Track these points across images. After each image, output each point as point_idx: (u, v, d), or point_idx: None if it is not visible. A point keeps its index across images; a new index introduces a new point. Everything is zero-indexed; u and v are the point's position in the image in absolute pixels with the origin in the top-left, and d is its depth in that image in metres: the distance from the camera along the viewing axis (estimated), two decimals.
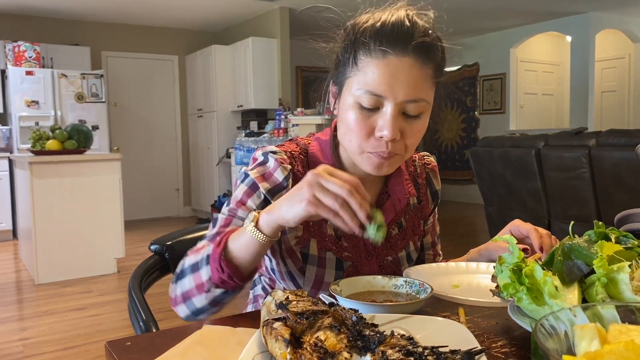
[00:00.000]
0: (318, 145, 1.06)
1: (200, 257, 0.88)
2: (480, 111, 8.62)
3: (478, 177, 4.80)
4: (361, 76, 0.91)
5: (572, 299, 0.66)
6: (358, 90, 0.91)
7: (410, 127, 0.93)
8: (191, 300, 0.90)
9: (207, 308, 0.90)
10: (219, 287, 0.86)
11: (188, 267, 0.90)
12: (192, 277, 0.89)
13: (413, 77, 0.89)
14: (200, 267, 0.88)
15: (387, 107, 0.90)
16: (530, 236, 0.99)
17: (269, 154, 1.01)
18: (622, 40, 8.15)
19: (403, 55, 0.89)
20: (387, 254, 1.08)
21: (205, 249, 0.88)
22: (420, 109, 0.92)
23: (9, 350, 2.86)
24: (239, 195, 0.99)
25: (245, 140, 6.12)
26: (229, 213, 0.98)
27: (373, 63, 0.90)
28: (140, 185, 7.53)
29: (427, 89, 0.92)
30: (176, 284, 0.93)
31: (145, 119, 7.65)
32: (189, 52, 7.77)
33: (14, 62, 6.12)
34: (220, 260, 0.83)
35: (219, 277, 0.84)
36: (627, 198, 3.48)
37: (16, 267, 4.85)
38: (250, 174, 1.00)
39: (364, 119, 0.92)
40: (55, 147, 4.29)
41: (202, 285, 0.87)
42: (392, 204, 1.07)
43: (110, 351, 0.67)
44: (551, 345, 0.47)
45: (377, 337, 0.54)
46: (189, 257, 0.92)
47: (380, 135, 0.91)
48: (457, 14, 6.89)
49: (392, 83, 0.89)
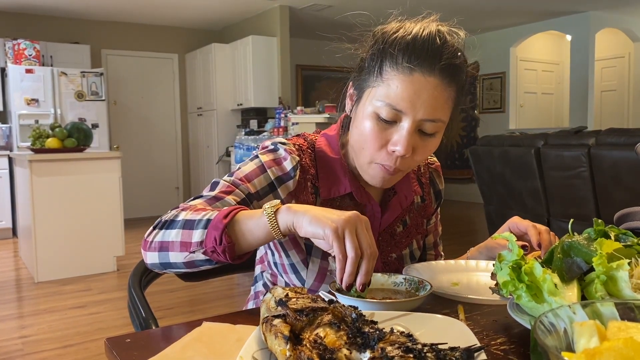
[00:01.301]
0: (325, 141, 1.06)
1: (199, 217, 0.84)
2: (479, 110, 8.62)
3: (478, 176, 4.80)
4: (384, 88, 0.90)
5: (572, 296, 0.66)
6: (379, 101, 0.91)
7: (422, 145, 0.93)
8: (167, 253, 0.86)
9: (180, 266, 0.86)
10: (206, 255, 0.82)
11: (181, 221, 0.85)
12: (181, 232, 0.84)
13: (435, 98, 0.89)
14: (196, 227, 0.83)
15: (404, 122, 0.90)
16: (528, 233, 1.00)
17: (279, 144, 1.01)
18: (621, 40, 8.15)
19: (429, 74, 0.89)
20: (392, 251, 1.08)
21: (207, 212, 0.84)
22: (436, 129, 0.92)
23: (8, 348, 2.86)
24: (246, 171, 0.97)
25: (245, 139, 6.12)
26: (232, 182, 0.96)
27: (398, 78, 0.89)
28: (140, 184, 7.53)
29: (447, 110, 0.93)
30: (159, 230, 0.88)
31: (145, 117, 7.65)
32: (188, 51, 7.77)
33: (14, 60, 6.11)
34: (223, 232, 0.80)
35: (212, 246, 0.80)
36: (627, 197, 3.49)
37: (16, 265, 4.85)
38: (262, 156, 0.99)
39: (380, 131, 0.92)
40: (55, 145, 4.29)
41: (188, 245, 0.83)
42: (399, 201, 1.08)
43: (110, 348, 0.67)
44: (550, 342, 0.47)
45: (377, 334, 0.54)
46: (185, 211, 0.88)
47: (393, 149, 0.91)
48: (457, 13, 6.86)
49: (415, 100, 0.88)
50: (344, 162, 1.03)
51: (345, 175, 1.02)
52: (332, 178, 1.03)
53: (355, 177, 1.04)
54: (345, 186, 1.02)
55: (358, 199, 1.03)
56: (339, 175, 1.03)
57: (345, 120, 1.05)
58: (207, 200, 0.92)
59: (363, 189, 1.04)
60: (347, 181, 1.02)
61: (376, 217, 1.05)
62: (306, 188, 1.01)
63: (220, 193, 0.94)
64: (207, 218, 0.83)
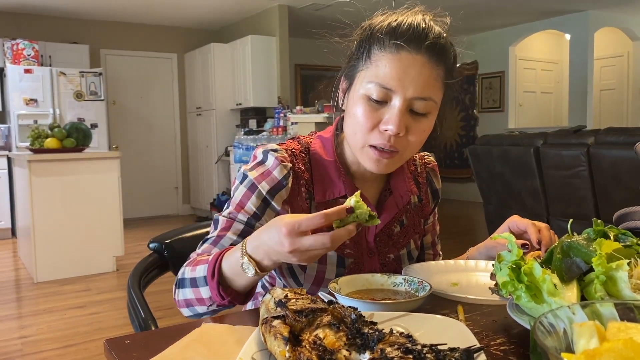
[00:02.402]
0: (320, 143, 1.06)
1: (197, 275, 0.88)
2: (479, 109, 8.62)
3: (477, 175, 4.81)
4: (373, 69, 0.93)
5: (571, 296, 0.66)
6: (369, 83, 0.92)
7: (415, 125, 0.93)
8: (193, 307, 0.91)
9: (210, 314, 0.91)
10: (221, 306, 0.88)
11: (188, 279, 0.90)
12: (192, 290, 0.89)
13: (424, 75, 0.91)
14: (199, 285, 0.88)
15: (395, 101, 0.91)
16: (527, 231, 0.99)
17: (269, 152, 1.01)
18: (620, 39, 8.15)
19: (416, 52, 0.91)
20: (389, 252, 1.08)
21: (202, 267, 0.87)
22: (427, 108, 0.93)
23: (8, 349, 2.86)
24: (239, 197, 0.99)
25: (244, 139, 6.12)
26: (229, 216, 0.98)
27: (386, 57, 0.91)
28: (140, 184, 7.52)
29: (437, 90, 0.93)
30: (177, 289, 0.93)
31: (144, 117, 7.64)
32: (187, 50, 7.76)
33: (13, 60, 6.11)
34: (218, 289, 0.84)
35: (220, 302, 0.86)
36: (626, 196, 3.49)
37: (15, 266, 4.85)
38: (249, 174, 0.99)
39: (372, 112, 0.92)
40: (54, 146, 4.28)
41: (203, 300, 0.88)
42: (395, 201, 1.07)
43: (110, 349, 0.67)
44: (550, 343, 0.47)
45: (376, 335, 0.54)
46: (188, 267, 0.92)
47: (385, 128, 0.91)
48: (456, 12, 6.86)
49: (403, 78, 0.90)
50: (339, 164, 1.03)
51: (339, 178, 1.02)
52: (326, 181, 1.03)
53: (351, 179, 1.04)
54: (339, 189, 1.02)
55: None
56: (334, 178, 1.02)
57: (340, 121, 1.05)
58: (211, 243, 0.96)
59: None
60: (342, 184, 1.02)
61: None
62: (300, 194, 1.01)
63: (221, 231, 0.97)
64: (202, 275, 0.87)
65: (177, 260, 1.21)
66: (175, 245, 1.22)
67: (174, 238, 1.24)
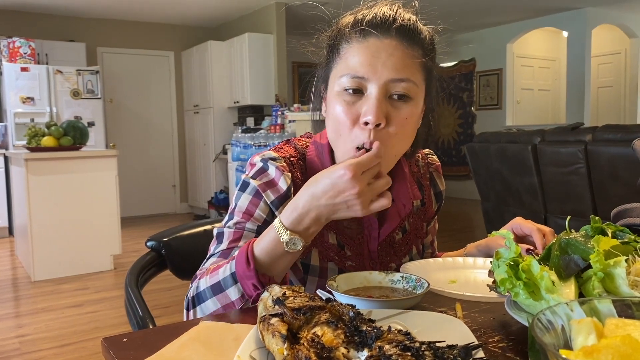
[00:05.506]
0: (315, 151, 1.02)
1: (221, 277, 0.83)
2: (476, 107, 8.63)
3: (475, 172, 4.81)
4: (343, 63, 0.90)
5: (569, 293, 0.66)
6: (341, 77, 0.89)
7: (397, 113, 0.87)
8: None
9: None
10: (256, 301, 0.82)
11: (207, 290, 0.84)
12: (216, 299, 0.84)
13: (397, 57, 0.87)
14: (225, 287, 0.82)
15: (370, 89, 0.87)
16: (533, 236, 0.97)
17: (269, 161, 0.96)
18: (618, 36, 8.16)
19: (386, 37, 0.87)
20: (391, 261, 1.05)
21: (224, 268, 0.83)
22: (406, 90, 0.87)
23: (5, 348, 2.86)
24: (244, 206, 0.94)
25: (242, 137, 6.11)
26: (237, 227, 0.93)
27: (354, 47, 0.89)
28: (137, 182, 7.51)
29: (414, 70, 0.88)
30: (195, 308, 0.86)
31: (141, 115, 7.63)
32: (185, 48, 7.74)
33: (9, 58, 6.09)
34: (257, 276, 0.80)
35: (256, 293, 0.80)
36: (623, 193, 3.49)
37: (12, 264, 4.84)
38: (253, 182, 0.95)
39: (349, 106, 0.88)
40: (51, 144, 4.27)
41: (231, 305, 0.83)
42: (397, 211, 1.02)
43: (107, 348, 0.67)
44: (548, 339, 0.47)
45: (374, 333, 0.54)
46: (202, 279, 0.86)
47: (365, 120, 0.86)
48: (454, 10, 6.88)
49: (374, 63, 0.86)
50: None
51: None
52: None
53: None
54: None
55: None
56: None
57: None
58: (219, 256, 0.91)
59: None
60: None
61: (374, 228, 1.02)
62: None
63: (230, 243, 0.92)
64: (229, 273, 0.82)
65: (174, 259, 1.21)
66: (172, 244, 1.22)
67: (172, 236, 1.24)
